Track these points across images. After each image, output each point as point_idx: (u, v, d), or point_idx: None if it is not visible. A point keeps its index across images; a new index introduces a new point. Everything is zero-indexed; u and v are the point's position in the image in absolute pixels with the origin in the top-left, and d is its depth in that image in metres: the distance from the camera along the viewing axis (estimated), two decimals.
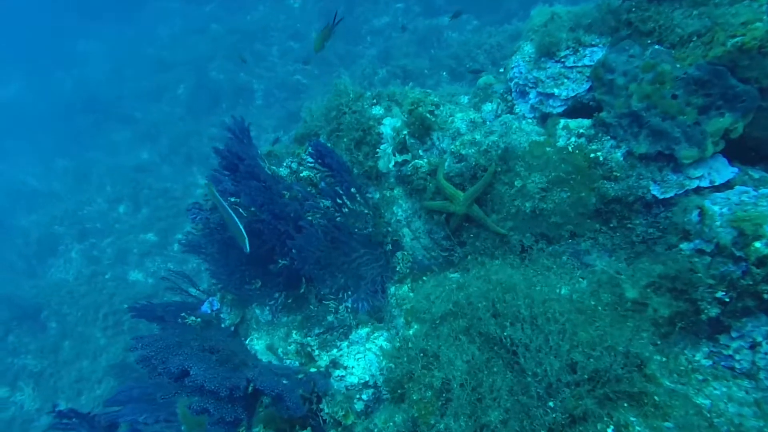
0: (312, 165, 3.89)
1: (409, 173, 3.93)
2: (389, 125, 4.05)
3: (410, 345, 2.96)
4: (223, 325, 5.12)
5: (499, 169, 3.53)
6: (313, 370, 3.21)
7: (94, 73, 19.34)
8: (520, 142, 3.46)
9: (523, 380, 2.29)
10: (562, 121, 3.36)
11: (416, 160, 3.93)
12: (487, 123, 3.89)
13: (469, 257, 3.89)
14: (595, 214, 3.28)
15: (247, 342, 4.58)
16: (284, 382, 2.71)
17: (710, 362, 2.36)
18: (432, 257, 4.12)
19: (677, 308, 2.37)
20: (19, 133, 19.42)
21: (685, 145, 2.81)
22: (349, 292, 3.84)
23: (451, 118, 3.96)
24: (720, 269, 2.29)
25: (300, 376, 2.95)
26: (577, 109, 3.44)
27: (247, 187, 3.61)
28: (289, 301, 4.53)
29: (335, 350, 3.43)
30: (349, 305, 3.76)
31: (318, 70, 13.76)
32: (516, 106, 3.67)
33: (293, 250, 3.49)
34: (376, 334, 3.52)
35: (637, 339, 2.14)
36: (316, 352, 3.47)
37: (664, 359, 2.32)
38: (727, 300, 2.27)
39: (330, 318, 4.20)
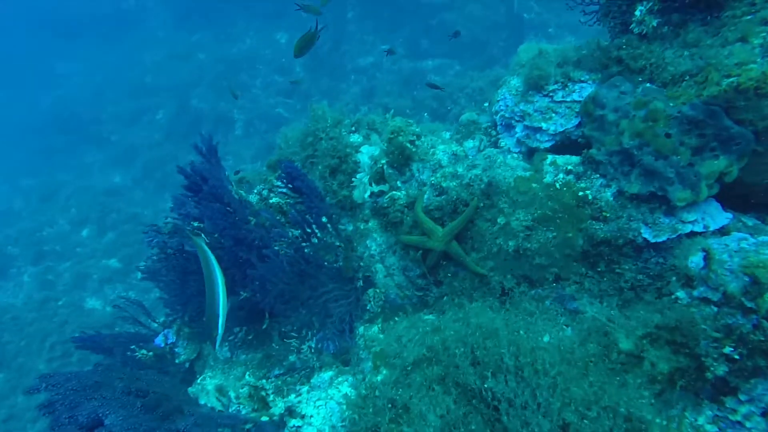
0: (282, 190, 3.59)
1: (386, 205, 3.67)
2: (367, 153, 3.82)
3: (377, 393, 2.60)
4: (177, 361, 4.65)
5: (482, 204, 3.29)
6: (265, 418, 2.80)
7: (72, 94, 18.89)
8: (505, 177, 3.25)
9: None
10: (550, 157, 3.17)
11: (394, 192, 3.68)
12: (470, 157, 3.68)
13: (445, 298, 3.60)
14: (582, 256, 3.05)
15: (199, 381, 4.12)
16: None
17: (716, 429, 2.08)
18: (406, 296, 3.80)
19: (678, 363, 2.11)
20: None
21: (679, 187, 2.62)
22: (314, 331, 3.47)
23: (432, 150, 3.75)
24: (727, 321, 2.05)
25: (247, 427, 2.54)
26: (565, 145, 3.27)
27: (209, 209, 3.28)
28: (250, 337, 4.12)
29: (293, 395, 3.03)
30: (313, 345, 3.39)
31: (300, 104, 13.69)
32: (501, 140, 3.49)
33: (255, 281, 3.13)
34: (340, 379, 3.14)
35: (637, 399, 1.86)
36: (271, 398, 3.06)
37: (664, 422, 2.03)
38: (737, 357, 2.02)
39: (292, 358, 3.80)
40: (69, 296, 11.31)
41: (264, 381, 3.14)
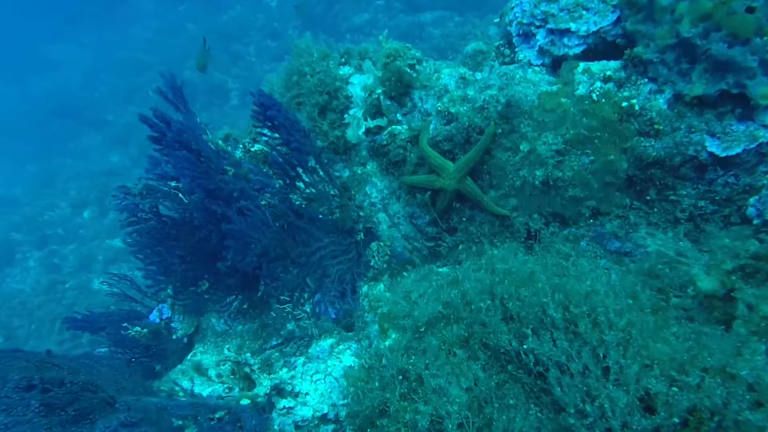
0: (263, 132, 2.97)
1: (385, 142, 3.05)
2: (359, 84, 3.17)
3: (384, 363, 2.05)
4: (174, 336, 4.16)
5: (500, 130, 2.66)
6: (245, 401, 2.26)
7: (66, 77, 18.15)
8: (527, 95, 2.60)
9: (560, 422, 1.39)
10: (582, 65, 2.50)
11: (393, 126, 3.04)
12: (482, 80, 3.02)
13: (460, 247, 3.01)
14: (627, 183, 2.43)
15: (189, 357, 3.62)
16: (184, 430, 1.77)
17: None
18: (414, 248, 3.22)
19: None
20: None
21: (763, 80, 1.96)
22: (310, 293, 2.91)
23: (436, 75, 3.09)
24: None
25: (218, 415, 2.01)
26: (599, 51, 2.59)
27: (174, 157, 2.68)
28: (245, 306, 3.59)
29: (285, 370, 2.49)
30: (308, 310, 2.84)
31: None
32: (519, 53, 2.81)
33: (233, 239, 2.55)
34: (341, 347, 2.59)
35: (753, 355, 1.27)
36: (256, 374, 2.52)
37: None
38: None
39: (290, 326, 3.27)
40: (75, 278, 10.93)
41: (248, 355, 2.60)
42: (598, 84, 2.39)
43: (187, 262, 3.55)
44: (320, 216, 3.04)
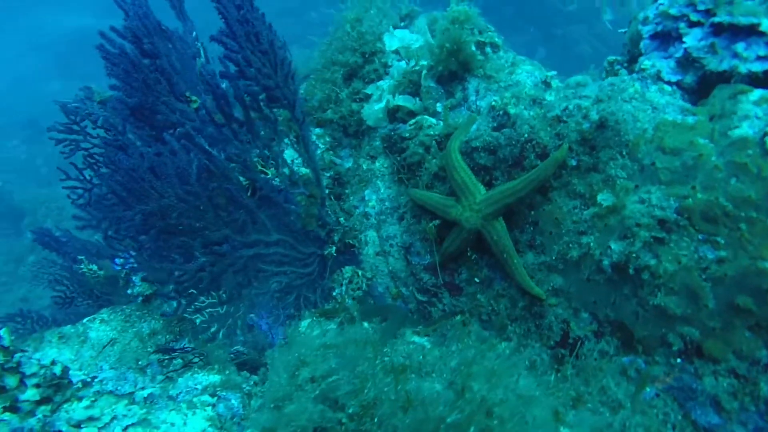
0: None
1: (407, 135, 2.06)
2: (401, 41, 2.23)
3: None
4: (129, 291, 3.39)
5: (574, 162, 1.59)
6: None
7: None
8: (636, 119, 1.53)
9: None
10: (759, 92, 1.40)
11: (425, 117, 2.06)
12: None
13: (459, 317, 1.93)
14: None
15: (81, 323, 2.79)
16: None
17: None
18: (400, 295, 2.18)
19: None
20: None
21: None
22: (219, 299, 1.96)
23: (511, 68, 2.08)
24: None
25: None
26: None
27: (107, 53, 1.86)
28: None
29: (85, 403, 1.52)
30: (198, 322, 1.88)
31: None
32: (644, 60, 1.73)
33: (116, 178, 1.67)
34: (207, 398, 1.60)
35: None
36: (42, 410, 1.55)
37: None
38: None
39: (215, 328, 2.36)
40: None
41: (56, 367, 1.65)
42: None
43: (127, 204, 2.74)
44: (285, 204, 2.09)
